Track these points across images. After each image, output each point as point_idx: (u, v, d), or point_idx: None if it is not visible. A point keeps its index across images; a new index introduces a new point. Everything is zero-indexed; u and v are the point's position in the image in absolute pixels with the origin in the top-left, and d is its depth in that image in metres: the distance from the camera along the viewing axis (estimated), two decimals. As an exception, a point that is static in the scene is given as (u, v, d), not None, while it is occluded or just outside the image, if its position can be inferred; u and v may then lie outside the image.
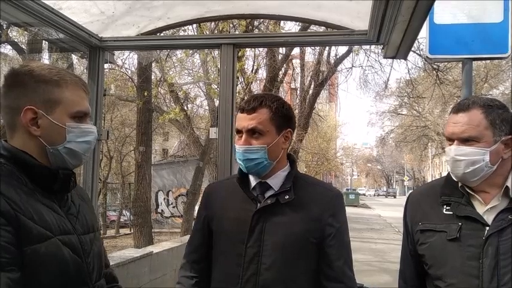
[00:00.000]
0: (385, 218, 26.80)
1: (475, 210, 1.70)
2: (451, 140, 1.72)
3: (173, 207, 21.38)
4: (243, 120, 1.74)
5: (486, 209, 1.69)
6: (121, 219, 21.33)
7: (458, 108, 1.72)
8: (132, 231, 14.44)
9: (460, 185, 1.75)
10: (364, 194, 75.54)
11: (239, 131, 1.77)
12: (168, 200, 21.69)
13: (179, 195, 21.26)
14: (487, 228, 1.64)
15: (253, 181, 1.81)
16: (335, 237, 1.73)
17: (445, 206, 1.76)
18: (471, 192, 1.73)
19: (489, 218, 1.66)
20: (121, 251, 7.27)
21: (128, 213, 20.13)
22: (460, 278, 1.64)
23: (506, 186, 1.68)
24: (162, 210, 21.55)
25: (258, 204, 1.74)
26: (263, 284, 1.67)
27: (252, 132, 1.72)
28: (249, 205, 1.75)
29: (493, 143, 1.66)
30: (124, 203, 20.95)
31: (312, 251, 1.72)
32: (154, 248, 7.23)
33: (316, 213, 1.73)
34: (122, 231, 20.50)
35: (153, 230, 12.29)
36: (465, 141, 1.67)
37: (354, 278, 1.77)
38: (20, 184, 1.30)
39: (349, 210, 34.09)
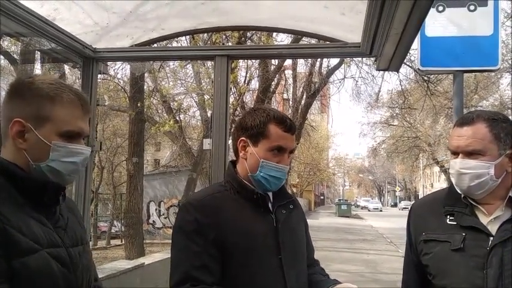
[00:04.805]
0: (377, 228, 26.83)
1: (479, 220, 1.71)
2: (455, 153, 1.73)
3: (165, 217, 21.21)
4: (290, 141, 1.80)
5: (490, 219, 1.70)
6: (112, 230, 21.10)
7: (462, 122, 1.73)
8: (123, 242, 14.30)
9: (463, 196, 1.76)
10: (366, 207, 62.73)
11: (283, 149, 1.77)
12: (159, 210, 21.52)
13: (171, 206, 21.12)
14: (491, 238, 1.65)
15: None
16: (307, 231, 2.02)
17: (448, 216, 1.77)
18: (474, 203, 1.74)
19: (493, 228, 1.67)
20: (112, 262, 7.22)
21: (119, 224, 19.94)
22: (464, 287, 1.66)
23: (510, 197, 1.69)
24: (153, 221, 21.38)
25: (272, 215, 1.78)
26: (301, 286, 1.80)
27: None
28: (266, 218, 1.78)
29: (497, 156, 1.67)
30: (115, 213, 20.75)
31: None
32: (146, 260, 7.20)
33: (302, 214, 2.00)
34: (113, 242, 20.26)
35: (144, 241, 12.19)
36: (470, 154, 1.68)
37: None
38: (9, 196, 1.28)
39: (341, 220, 34.27)
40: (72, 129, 1.39)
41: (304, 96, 18.95)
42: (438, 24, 3.52)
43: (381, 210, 59.14)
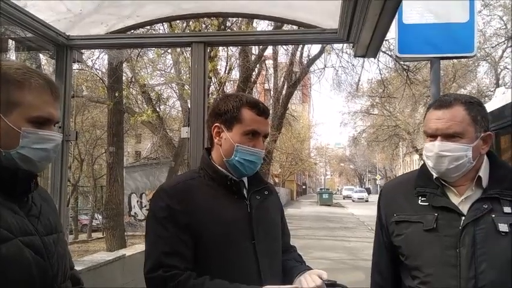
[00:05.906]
0: (358, 216, 27.14)
1: (450, 200, 1.73)
2: (433, 136, 1.74)
3: (147, 209, 21.11)
4: (264, 125, 1.80)
5: (461, 199, 1.73)
6: (93, 223, 20.90)
7: (440, 105, 1.74)
8: (104, 235, 14.19)
9: (434, 176, 1.78)
10: (350, 197, 55.16)
11: (258, 133, 1.78)
12: (141, 202, 21.39)
13: (153, 198, 21.00)
14: (463, 218, 1.68)
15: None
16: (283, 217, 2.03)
17: (420, 197, 1.79)
18: (446, 184, 1.76)
19: (464, 208, 1.70)
20: (93, 254, 7.14)
21: (100, 217, 19.76)
22: (438, 267, 1.68)
23: (479, 176, 1.73)
24: (135, 213, 21.24)
25: (246, 201, 1.78)
26: (275, 272, 1.79)
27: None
28: (240, 203, 1.78)
29: (474, 139, 1.69)
30: (96, 206, 20.54)
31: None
32: (127, 251, 7.12)
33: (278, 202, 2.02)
34: (94, 235, 20.12)
35: (126, 233, 12.10)
36: (450, 137, 1.69)
37: None
38: None
39: (322, 209, 34.58)
40: (41, 115, 1.36)
41: (285, 86, 18.99)
42: (415, 11, 3.55)
43: (366, 201, 49.50)
